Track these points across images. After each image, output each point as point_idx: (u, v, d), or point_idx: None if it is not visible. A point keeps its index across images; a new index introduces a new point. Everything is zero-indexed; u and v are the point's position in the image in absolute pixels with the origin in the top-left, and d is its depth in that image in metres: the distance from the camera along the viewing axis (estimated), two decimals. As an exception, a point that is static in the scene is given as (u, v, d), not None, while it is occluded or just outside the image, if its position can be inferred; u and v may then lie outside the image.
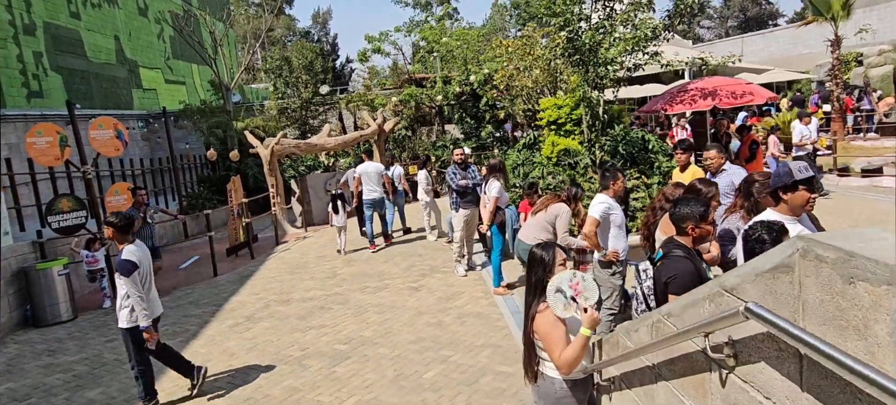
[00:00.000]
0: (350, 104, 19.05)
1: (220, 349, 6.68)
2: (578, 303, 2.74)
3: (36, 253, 8.74)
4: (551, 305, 2.82)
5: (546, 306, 2.94)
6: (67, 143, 8.92)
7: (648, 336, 2.17)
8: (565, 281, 2.79)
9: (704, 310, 1.63)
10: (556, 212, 5.86)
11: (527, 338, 3.08)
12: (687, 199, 3.16)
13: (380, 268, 9.71)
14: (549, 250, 3.03)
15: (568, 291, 2.76)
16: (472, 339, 6.25)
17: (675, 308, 1.88)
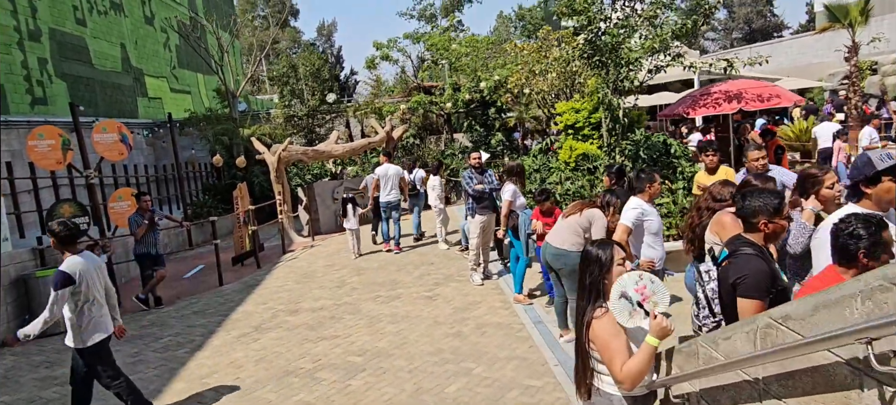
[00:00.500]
0: (357, 112, 18.78)
1: (227, 360, 6.31)
2: (646, 309, 2.38)
3: (36, 260, 8.41)
4: (615, 312, 2.45)
5: (603, 311, 2.58)
6: (70, 147, 8.63)
7: (750, 345, 1.81)
8: (631, 284, 2.43)
9: (855, 311, 1.28)
10: (591, 217, 5.49)
11: (580, 348, 2.71)
12: (758, 192, 2.80)
13: (392, 276, 9.35)
14: (607, 249, 2.67)
15: (634, 296, 2.40)
16: (494, 351, 5.88)
17: (798, 310, 1.53)
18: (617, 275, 2.61)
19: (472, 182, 8.16)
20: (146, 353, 6.78)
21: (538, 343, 5.99)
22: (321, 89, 18.82)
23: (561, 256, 5.50)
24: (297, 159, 13.88)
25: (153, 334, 7.53)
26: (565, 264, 5.49)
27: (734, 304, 2.79)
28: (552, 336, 6.13)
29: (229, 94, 17.70)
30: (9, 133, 12.13)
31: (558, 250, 5.51)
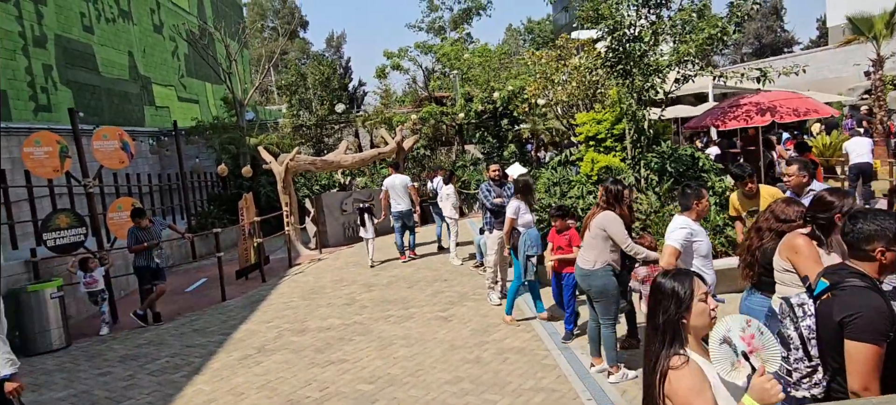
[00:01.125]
0: (367, 122, 18.38)
1: (227, 387, 5.82)
2: (753, 363, 1.88)
3: (29, 273, 7.98)
4: (715, 360, 1.96)
5: (683, 361, 2.08)
6: (68, 154, 8.22)
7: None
8: (736, 329, 1.93)
9: None
10: (602, 222, 4.97)
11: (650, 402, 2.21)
12: (871, 213, 2.30)
13: (403, 293, 8.85)
14: (685, 281, 2.17)
15: (739, 345, 1.90)
16: (518, 381, 5.36)
17: None
18: (698, 313, 2.11)
19: (490, 195, 7.70)
20: (140, 377, 6.31)
21: (566, 372, 5.47)
22: (330, 99, 18.45)
23: (586, 277, 5.04)
24: (305, 169, 13.45)
25: (149, 354, 7.06)
26: (591, 285, 5.01)
27: (836, 346, 2.29)
28: (581, 364, 5.61)
29: (237, 102, 17.35)
30: (10, 140, 11.77)
31: (583, 271, 5.04)
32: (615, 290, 4.91)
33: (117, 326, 8.62)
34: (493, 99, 16.08)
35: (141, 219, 8.24)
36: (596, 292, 5.00)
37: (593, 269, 4.99)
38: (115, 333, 8.22)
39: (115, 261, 9.12)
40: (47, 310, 7.52)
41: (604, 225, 4.95)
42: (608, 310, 5.02)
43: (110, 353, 7.24)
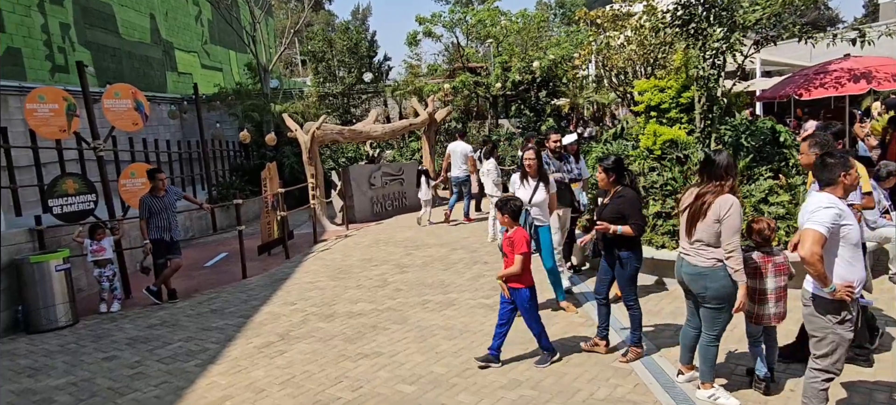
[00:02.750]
0: (396, 92, 17.42)
1: (245, 381, 5.04)
2: None
3: (34, 242, 7.29)
4: None
5: None
6: (76, 113, 7.46)
7: None
8: None
9: None
10: (721, 209, 3.88)
11: None
12: None
13: (440, 276, 8.00)
14: None
15: None
16: (588, 388, 4.47)
17: None
18: None
19: (549, 169, 6.71)
20: (149, 363, 5.56)
21: (646, 380, 4.56)
22: (358, 67, 17.50)
23: (700, 277, 3.95)
24: (332, 139, 12.60)
25: (161, 338, 6.32)
26: (707, 288, 3.92)
27: None
28: (661, 370, 4.70)
29: (260, 68, 16.51)
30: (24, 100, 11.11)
31: (696, 269, 4.00)
32: (733, 296, 3.90)
33: (130, 302, 7.93)
34: (532, 68, 14.97)
35: (157, 182, 7.45)
36: (712, 297, 3.92)
37: (711, 268, 3.90)
38: (127, 310, 7.53)
39: (128, 232, 8.40)
40: (52, 284, 6.82)
41: (723, 213, 3.87)
42: (717, 320, 4.02)
43: (119, 334, 6.53)
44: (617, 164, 4.86)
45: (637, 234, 4.72)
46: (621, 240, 4.75)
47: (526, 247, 4.70)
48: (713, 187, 3.92)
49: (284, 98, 17.55)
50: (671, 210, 7.28)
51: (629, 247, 4.77)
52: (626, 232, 4.67)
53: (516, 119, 16.44)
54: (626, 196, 4.76)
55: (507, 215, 4.85)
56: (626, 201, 4.75)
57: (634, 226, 4.67)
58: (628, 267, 4.81)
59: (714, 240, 3.88)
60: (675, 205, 7.15)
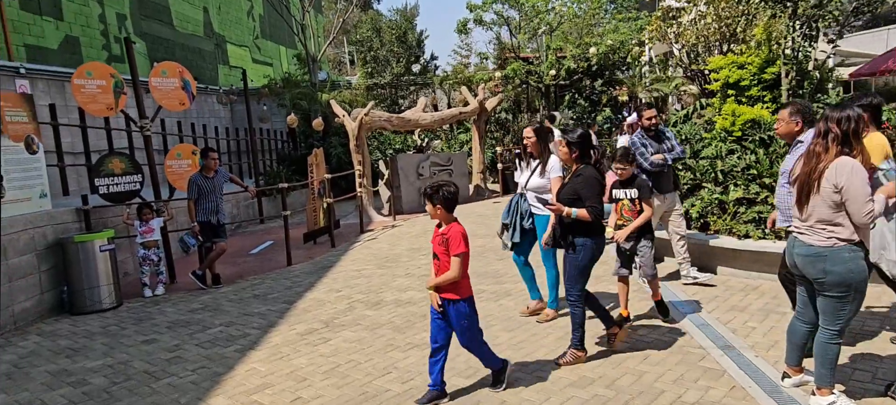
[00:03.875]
0: (444, 82, 16.96)
1: (287, 368, 4.64)
2: None
3: (80, 222, 7.15)
4: None
5: None
6: (123, 90, 7.30)
7: None
8: None
9: None
10: (838, 174, 3.17)
11: None
12: None
13: (494, 266, 7.47)
14: None
15: None
16: (674, 390, 3.85)
17: None
18: None
19: (646, 151, 5.85)
20: (187, 348, 5.24)
21: (741, 382, 3.90)
22: (406, 57, 17.13)
23: (818, 259, 3.24)
24: (379, 127, 12.24)
25: (202, 322, 6.02)
26: (826, 273, 3.22)
27: None
28: (758, 370, 4.03)
29: (309, 58, 16.34)
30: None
31: (812, 250, 3.31)
32: (863, 283, 3.20)
33: (174, 286, 7.72)
34: (588, 55, 14.22)
35: (208, 162, 7.20)
36: (833, 283, 3.22)
37: (831, 248, 3.22)
38: (171, 294, 7.30)
39: (175, 215, 8.20)
40: (96, 264, 6.64)
41: (841, 179, 3.20)
42: (840, 312, 3.28)
43: (160, 317, 6.27)
44: (582, 140, 4.31)
45: (594, 220, 4.17)
46: (578, 227, 4.22)
47: (464, 245, 3.66)
48: (823, 146, 3.23)
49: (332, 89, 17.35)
50: (755, 195, 6.52)
51: (586, 233, 4.22)
52: (581, 215, 4.13)
53: (570, 110, 15.72)
54: (585, 175, 4.23)
55: (440, 206, 3.69)
56: (584, 181, 4.21)
57: (591, 209, 4.13)
58: (581, 256, 4.23)
59: (834, 215, 3.21)
60: (760, 191, 6.40)
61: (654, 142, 5.89)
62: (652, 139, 5.90)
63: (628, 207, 4.81)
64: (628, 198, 4.79)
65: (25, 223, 6.28)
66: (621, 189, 4.84)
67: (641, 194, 4.76)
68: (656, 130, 5.97)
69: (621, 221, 4.83)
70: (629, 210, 4.80)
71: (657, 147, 5.87)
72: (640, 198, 4.75)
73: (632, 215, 4.77)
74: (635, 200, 4.77)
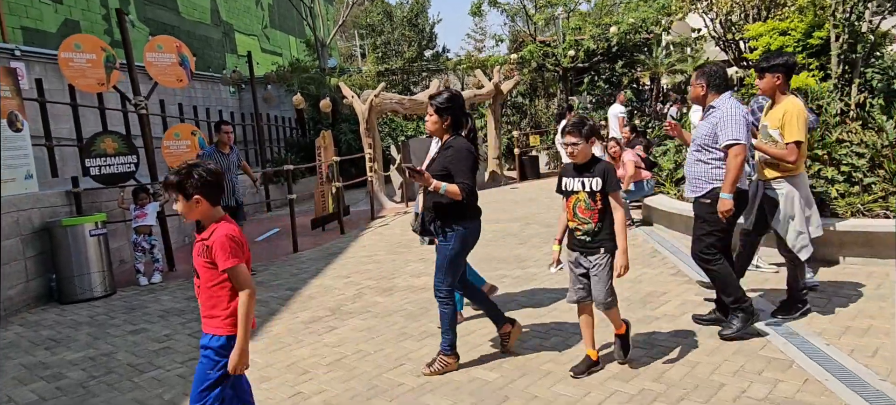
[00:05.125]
0: (458, 67, 16.37)
1: (287, 359, 4.11)
2: None
3: (70, 206, 6.69)
4: None
5: None
6: (115, 65, 6.81)
7: None
8: None
9: None
10: None
11: None
12: None
13: (515, 251, 6.91)
14: None
15: None
16: (736, 384, 3.27)
17: None
18: None
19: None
20: (178, 338, 4.74)
21: (815, 374, 3.31)
22: (418, 40, 16.56)
23: None
24: (390, 109, 11.70)
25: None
26: None
27: None
28: (832, 359, 3.44)
29: (318, 43, 15.83)
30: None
31: None
32: None
33: (173, 274, 7.24)
34: (608, 35, 13.56)
35: (221, 136, 6.58)
36: None
37: None
38: (169, 282, 6.82)
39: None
40: (86, 250, 6.17)
41: None
42: None
43: (154, 306, 5.79)
44: (452, 103, 3.56)
45: (465, 199, 3.46)
46: (449, 209, 3.53)
47: (236, 254, 2.36)
48: None
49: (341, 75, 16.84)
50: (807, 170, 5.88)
51: (458, 216, 3.54)
52: (451, 192, 3.42)
53: (589, 93, 15.06)
54: (456, 147, 3.51)
55: (198, 197, 2.35)
56: (454, 153, 3.49)
57: (462, 186, 3.42)
58: (453, 244, 3.56)
59: None
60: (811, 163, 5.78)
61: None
62: None
63: (585, 205, 3.32)
64: (587, 190, 3.31)
65: (9, 206, 5.81)
66: (575, 177, 3.37)
67: (607, 185, 3.29)
68: None
69: (575, 224, 3.38)
70: (587, 209, 3.32)
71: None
72: (606, 191, 3.30)
73: (589, 216, 3.33)
74: (597, 194, 3.30)
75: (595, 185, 3.29)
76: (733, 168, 3.70)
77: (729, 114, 3.73)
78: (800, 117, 3.87)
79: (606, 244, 3.33)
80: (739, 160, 3.70)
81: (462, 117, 3.61)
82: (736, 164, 3.70)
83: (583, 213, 3.34)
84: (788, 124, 3.88)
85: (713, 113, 3.84)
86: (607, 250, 3.33)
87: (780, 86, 3.96)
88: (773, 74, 3.93)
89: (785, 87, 4.00)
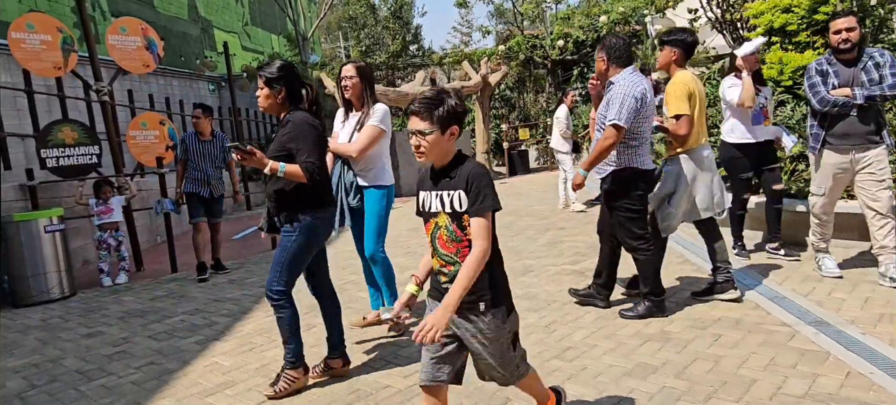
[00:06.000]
0: (444, 61, 15.95)
1: (256, 362, 3.65)
2: None
3: (26, 202, 6.15)
4: None
5: None
6: (74, 48, 6.28)
7: None
8: None
9: None
10: None
11: None
12: None
13: (509, 243, 6.52)
14: None
15: None
16: (769, 379, 2.88)
17: None
18: None
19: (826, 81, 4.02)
20: (137, 341, 4.24)
21: (857, 367, 2.92)
22: (403, 34, 16.11)
23: None
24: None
25: (161, 311, 5.01)
26: None
27: None
28: (873, 351, 3.05)
29: (299, 36, 15.32)
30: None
31: None
32: None
33: (141, 274, 6.71)
34: (598, 25, 13.22)
35: (203, 121, 5.98)
36: None
37: None
38: (135, 283, 6.29)
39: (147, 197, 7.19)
40: (41, 248, 5.64)
41: None
42: None
43: (114, 307, 5.27)
44: (285, 73, 3.03)
45: (310, 181, 2.89)
46: (290, 196, 2.97)
47: None
48: None
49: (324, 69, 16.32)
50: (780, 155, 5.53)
51: (300, 205, 2.98)
52: (292, 173, 2.88)
53: (578, 85, 14.71)
54: (295, 121, 2.98)
55: None
56: (293, 128, 2.95)
57: (306, 166, 2.88)
58: (294, 238, 2.99)
59: None
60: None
61: (844, 66, 3.99)
62: (844, 64, 4.00)
63: (448, 235, 2.05)
64: (447, 210, 2.04)
65: (-47, 199, 5.28)
66: (432, 189, 2.09)
67: (478, 202, 1.98)
68: (857, 49, 3.95)
69: (438, 265, 2.11)
70: (450, 240, 2.05)
71: (848, 76, 3.97)
72: (473, 211, 1.98)
73: (454, 252, 2.04)
74: (464, 217, 2.01)
75: (458, 201, 2.00)
76: (599, 147, 3.64)
77: (620, 91, 3.57)
78: (681, 90, 3.77)
79: (486, 295, 2.05)
80: (609, 143, 3.59)
81: (299, 88, 3.08)
82: (602, 146, 3.61)
83: (445, 248, 2.05)
84: (670, 99, 3.82)
85: (611, 89, 3.68)
86: (492, 306, 2.06)
87: (676, 60, 3.87)
88: (670, 48, 3.88)
89: (682, 62, 3.89)
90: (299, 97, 3.08)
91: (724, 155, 5.01)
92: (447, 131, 2.02)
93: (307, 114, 3.05)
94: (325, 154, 3.09)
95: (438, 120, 2.00)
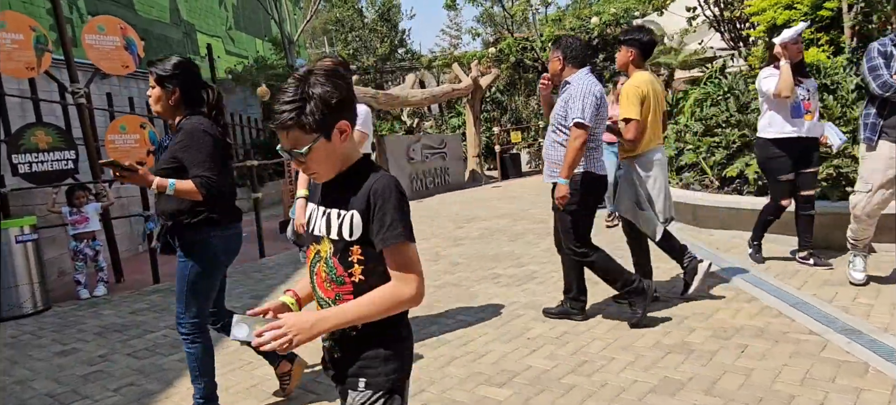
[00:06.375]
0: (433, 64, 15.72)
1: (246, 382, 3.35)
2: None
3: (-5, 209, 5.77)
4: None
5: None
6: (48, 47, 5.94)
7: None
8: None
9: None
10: None
11: None
12: None
13: (506, 248, 6.26)
14: None
15: None
16: (808, 395, 2.66)
17: None
18: None
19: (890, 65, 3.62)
20: (116, 358, 3.92)
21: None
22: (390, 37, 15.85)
23: None
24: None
25: (142, 325, 4.69)
26: None
27: None
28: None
29: (285, 39, 15.02)
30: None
31: None
32: None
33: (120, 286, 6.36)
34: (589, 27, 13.07)
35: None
36: None
37: None
38: (114, 295, 5.94)
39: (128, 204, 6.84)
40: (12, 259, 5.28)
41: None
42: None
43: (91, 322, 4.93)
44: (181, 71, 2.62)
45: (205, 197, 2.51)
46: (185, 216, 2.59)
47: None
48: None
49: (311, 73, 16.01)
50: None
51: (200, 223, 2.59)
52: (182, 190, 2.49)
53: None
54: (187, 129, 2.56)
55: None
56: (185, 137, 2.54)
57: (199, 180, 2.49)
58: (193, 263, 2.62)
59: None
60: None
61: None
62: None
63: (327, 270, 1.44)
64: (332, 236, 1.43)
65: (-85, 208, 4.91)
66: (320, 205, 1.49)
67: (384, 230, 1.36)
68: None
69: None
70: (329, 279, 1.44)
71: None
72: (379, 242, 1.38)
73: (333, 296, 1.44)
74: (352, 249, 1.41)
75: (348, 227, 1.41)
76: (571, 150, 3.47)
77: (579, 91, 3.47)
78: (633, 94, 3.69)
79: (369, 368, 1.44)
80: (579, 143, 3.44)
81: (197, 90, 2.66)
82: (574, 147, 3.45)
83: (322, 289, 1.48)
84: (622, 101, 3.75)
85: (567, 89, 3.60)
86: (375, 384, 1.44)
87: (633, 60, 3.82)
88: (627, 48, 3.82)
89: (640, 62, 3.84)
90: (198, 100, 2.65)
91: (760, 155, 4.56)
92: (333, 131, 1.37)
93: (203, 119, 2.62)
94: (226, 165, 2.65)
95: (314, 125, 1.34)
